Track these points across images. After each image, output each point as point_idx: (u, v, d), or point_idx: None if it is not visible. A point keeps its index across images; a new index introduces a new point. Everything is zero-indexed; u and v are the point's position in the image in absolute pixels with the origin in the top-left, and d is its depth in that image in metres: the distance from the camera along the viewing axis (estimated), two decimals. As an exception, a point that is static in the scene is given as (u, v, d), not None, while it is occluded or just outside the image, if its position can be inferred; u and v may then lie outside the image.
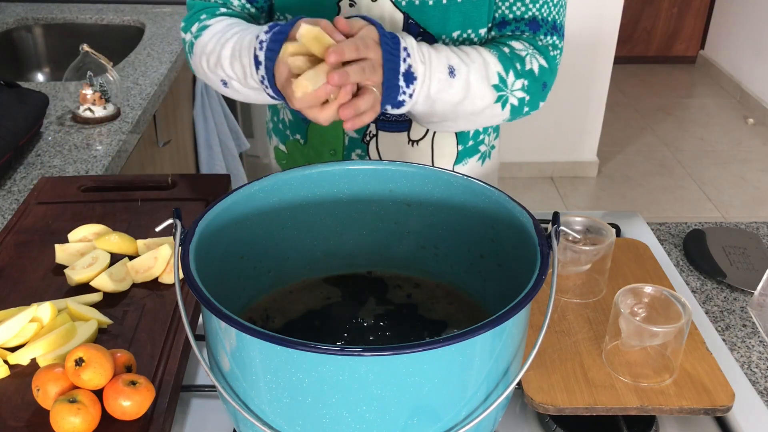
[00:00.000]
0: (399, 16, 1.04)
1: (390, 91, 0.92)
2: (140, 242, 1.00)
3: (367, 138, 1.15)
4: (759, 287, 1.03)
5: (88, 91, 1.59)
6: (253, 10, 1.10)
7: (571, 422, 0.81)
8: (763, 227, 1.26)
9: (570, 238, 0.95)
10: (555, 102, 3.12)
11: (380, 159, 1.16)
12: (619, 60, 3.71)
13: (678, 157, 3.86)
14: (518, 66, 1.01)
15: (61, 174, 1.38)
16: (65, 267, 0.97)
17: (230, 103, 2.45)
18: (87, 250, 0.99)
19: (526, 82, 1.02)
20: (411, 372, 0.59)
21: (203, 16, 1.05)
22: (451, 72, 0.96)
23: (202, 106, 2.26)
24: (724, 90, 4.64)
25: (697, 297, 1.09)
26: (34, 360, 0.82)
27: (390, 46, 0.90)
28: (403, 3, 1.03)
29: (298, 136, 1.21)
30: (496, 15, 1.06)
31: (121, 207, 1.11)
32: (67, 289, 0.94)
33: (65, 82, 1.65)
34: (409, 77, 0.93)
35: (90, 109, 1.58)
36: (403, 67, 0.91)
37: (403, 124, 1.14)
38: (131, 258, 0.98)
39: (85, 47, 1.67)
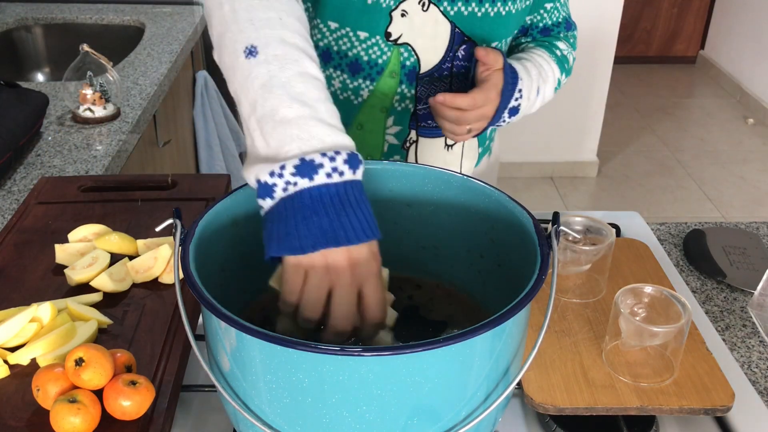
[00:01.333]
0: (446, 25, 1.06)
1: (495, 121, 1.08)
2: (140, 242, 1.00)
3: (407, 144, 1.16)
4: (759, 287, 1.03)
5: (88, 91, 1.59)
6: None
7: (571, 422, 0.81)
8: (763, 227, 1.26)
9: (570, 238, 0.95)
10: (555, 102, 3.10)
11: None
12: (619, 60, 3.71)
13: (678, 157, 3.86)
14: (566, 65, 1.21)
15: (61, 174, 1.38)
16: (65, 267, 0.97)
17: (230, 103, 2.45)
18: (87, 250, 0.99)
19: (569, 75, 1.23)
20: (411, 372, 0.59)
21: None
22: (537, 92, 1.14)
23: (202, 106, 2.26)
24: (724, 90, 4.64)
25: (697, 297, 1.09)
26: (34, 360, 0.82)
27: (508, 92, 1.06)
28: (452, 13, 1.05)
29: None
30: (541, 24, 1.20)
31: (121, 207, 1.11)
32: (67, 289, 0.94)
33: (65, 82, 1.65)
34: (514, 111, 1.10)
35: (90, 109, 1.58)
36: (512, 104, 1.08)
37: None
38: (131, 258, 0.98)
39: (85, 47, 1.67)
